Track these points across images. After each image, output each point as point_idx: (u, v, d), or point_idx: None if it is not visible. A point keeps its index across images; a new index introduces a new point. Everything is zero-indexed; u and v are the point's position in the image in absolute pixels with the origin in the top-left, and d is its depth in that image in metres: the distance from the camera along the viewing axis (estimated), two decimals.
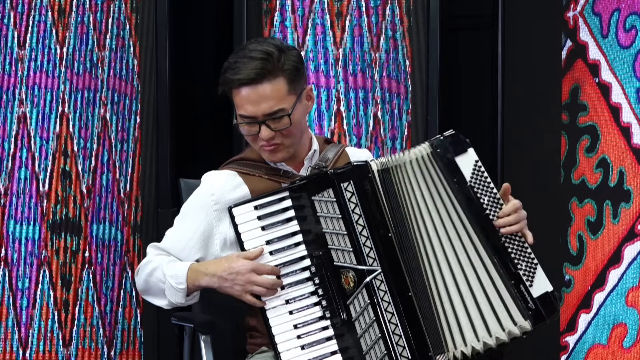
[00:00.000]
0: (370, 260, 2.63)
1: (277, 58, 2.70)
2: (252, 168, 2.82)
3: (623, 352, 3.61)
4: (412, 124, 3.86)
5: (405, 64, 3.87)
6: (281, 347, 2.62)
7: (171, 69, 3.86)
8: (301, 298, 2.65)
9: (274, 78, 2.69)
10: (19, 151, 3.79)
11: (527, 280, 2.65)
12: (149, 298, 2.82)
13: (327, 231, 2.65)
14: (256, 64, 2.68)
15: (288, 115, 2.71)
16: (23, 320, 3.78)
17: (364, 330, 2.62)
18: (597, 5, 3.68)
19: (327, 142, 2.95)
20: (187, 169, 3.75)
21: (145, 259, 2.82)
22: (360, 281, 2.62)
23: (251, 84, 2.69)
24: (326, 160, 2.84)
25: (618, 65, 3.62)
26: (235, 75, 2.70)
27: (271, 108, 2.70)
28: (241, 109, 2.72)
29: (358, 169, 2.66)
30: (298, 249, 2.67)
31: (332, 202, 2.65)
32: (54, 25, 3.79)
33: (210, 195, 2.79)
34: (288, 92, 2.71)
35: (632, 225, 3.59)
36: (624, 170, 3.61)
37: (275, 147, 2.76)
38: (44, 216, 3.78)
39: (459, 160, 2.68)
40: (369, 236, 2.63)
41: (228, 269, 2.65)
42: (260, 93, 2.69)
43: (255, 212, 2.68)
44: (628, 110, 3.59)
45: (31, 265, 3.78)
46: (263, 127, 2.72)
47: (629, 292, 3.60)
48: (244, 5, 3.94)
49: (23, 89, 3.79)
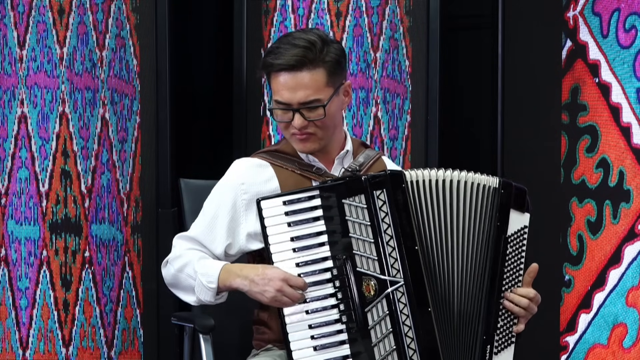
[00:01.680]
0: (394, 271, 2.60)
1: (320, 49, 2.70)
2: (285, 161, 2.80)
3: (623, 352, 3.61)
4: (412, 124, 3.86)
5: (405, 64, 3.87)
6: (294, 346, 2.60)
7: (171, 69, 3.86)
8: (319, 299, 2.62)
9: (314, 68, 2.69)
10: (19, 151, 3.79)
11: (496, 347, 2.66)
12: (176, 292, 2.79)
13: (354, 236, 2.62)
14: (298, 51, 2.68)
15: (323, 106, 2.70)
16: (23, 320, 3.78)
17: (379, 339, 2.60)
18: (597, 5, 3.68)
19: (363, 145, 2.93)
20: (187, 169, 3.75)
21: (174, 251, 2.77)
22: (381, 291, 2.60)
23: (291, 70, 2.68)
24: (360, 164, 2.81)
25: (618, 65, 3.62)
26: (276, 60, 2.69)
27: (307, 97, 2.69)
28: (277, 94, 2.71)
29: (393, 177, 2.63)
30: (322, 249, 2.64)
31: (363, 208, 2.62)
32: (54, 25, 3.79)
33: (240, 185, 2.77)
34: (326, 84, 2.71)
35: (632, 225, 3.59)
36: (624, 170, 3.61)
37: (306, 136, 2.74)
38: (44, 216, 3.78)
39: (512, 213, 2.67)
40: (395, 247, 2.60)
41: (261, 274, 2.62)
42: (298, 80, 2.69)
43: (283, 208, 2.64)
44: (628, 110, 3.59)
45: (31, 265, 3.78)
46: (297, 115, 2.70)
47: (629, 292, 3.60)
48: (244, 5, 3.94)
49: (23, 89, 3.79)
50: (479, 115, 4.12)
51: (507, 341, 2.67)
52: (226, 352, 2.99)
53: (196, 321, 2.92)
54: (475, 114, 4.14)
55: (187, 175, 3.29)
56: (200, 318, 2.93)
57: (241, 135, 3.97)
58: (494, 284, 2.65)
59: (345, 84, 2.78)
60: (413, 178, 2.64)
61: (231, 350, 3.00)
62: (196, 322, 2.92)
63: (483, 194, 2.67)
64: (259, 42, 3.93)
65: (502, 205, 2.66)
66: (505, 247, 2.66)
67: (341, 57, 2.74)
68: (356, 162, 2.82)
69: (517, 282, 2.68)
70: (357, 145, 2.89)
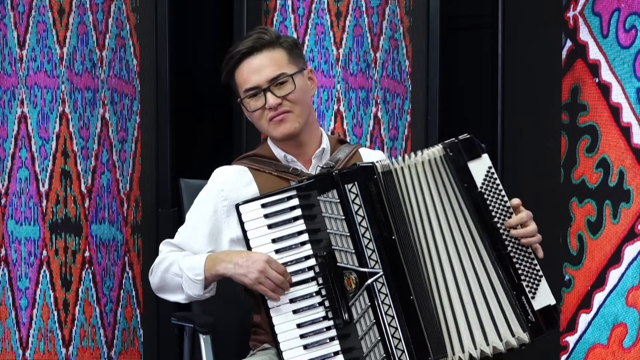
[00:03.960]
0: (372, 262, 2.61)
1: (274, 35, 2.82)
2: (263, 164, 2.83)
3: (623, 352, 3.61)
4: (412, 124, 3.86)
5: (405, 64, 3.87)
6: (284, 346, 2.62)
7: (171, 69, 3.86)
8: (305, 297, 2.64)
9: (273, 48, 2.79)
10: (19, 151, 3.79)
11: (530, 292, 2.62)
12: (165, 295, 2.82)
13: (331, 232, 2.64)
14: (254, 37, 2.81)
15: (291, 77, 2.77)
16: (23, 320, 3.78)
17: (364, 332, 2.61)
18: (597, 5, 3.68)
19: (340, 142, 2.95)
20: (187, 169, 3.75)
21: (158, 257, 2.82)
22: (361, 283, 2.61)
23: (251, 53, 2.78)
24: (337, 161, 2.84)
25: (618, 65, 3.62)
26: (235, 49, 2.79)
27: (273, 73, 2.77)
28: (245, 83, 2.79)
29: (363, 170, 2.65)
30: (304, 249, 2.66)
31: (336, 203, 2.64)
32: (54, 25, 3.79)
33: (220, 191, 2.81)
34: (288, 62, 2.80)
35: (632, 225, 3.59)
36: (624, 170, 3.61)
37: (283, 116, 2.78)
38: (44, 216, 3.78)
39: (471, 165, 2.66)
40: (371, 238, 2.62)
41: (245, 256, 2.66)
42: (260, 62, 2.78)
43: (262, 210, 2.67)
44: (628, 110, 3.59)
45: (31, 265, 3.78)
46: (268, 94, 2.77)
47: (629, 292, 3.60)
48: (244, 5, 3.94)
49: (23, 89, 3.79)
50: (479, 115, 4.12)
51: (535, 279, 2.64)
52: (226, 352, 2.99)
53: (196, 321, 2.92)
54: (475, 114, 4.14)
55: (187, 175, 3.29)
56: (200, 318, 2.93)
57: (241, 135, 3.96)
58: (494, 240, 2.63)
59: (307, 69, 2.86)
60: (385, 169, 2.65)
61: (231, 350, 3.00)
62: (196, 322, 2.92)
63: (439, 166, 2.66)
64: None
65: (459, 166, 2.65)
66: (484, 200, 2.64)
67: (295, 44, 2.84)
68: (332, 159, 2.84)
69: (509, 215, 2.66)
70: (334, 143, 2.92)
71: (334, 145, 2.91)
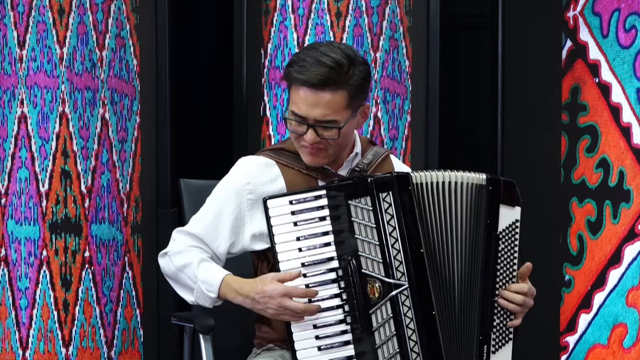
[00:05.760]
0: (398, 274, 2.59)
1: (346, 70, 2.65)
2: (292, 160, 2.78)
3: (623, 352, 3.61)
4: (412, 124, 3.86)
5: (405, 64, 3.87)
6: (298, 346, 2.60)
7: (171, 69, 3.86)
8: (324, 299, 2.62)
9: (337, 89, 2.64)
10: (19, 151, 3.79)
11: (494, 345, 2.65)
12: (174, 286, 2.78)
13: (359, 237, 2.61)
14: (323, 71, 2.63)
15: (339, 128, 2.67)
16: (23, 321, 3.78)
17: (382, 342, 2.59)
18: (597, 5, 3.68)
19: (371, 143, 2.91)
20: (187, 169, 3.75)
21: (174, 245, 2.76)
22: (385, 293, 2.59)
23: (312, 88, 2.64)
24: (368, 163, 2.80)
25: (618, 65, 3.62)
26: (299, 75, 2.65)
27: (324, 116, 2.66)
28: (295, 106, 2.68)
29: (399, 180, 2.62)
30: (328, 249, 2.63)
31: (369, 210, 2.61)
32: (54, 25, 3.79)
33: (245, 184, 2.75)
34: (346, 107, 2.67)
35: (632, 225, 3.59)
36: (624, 170, 3.61)
37: (316, 151, 2.72)
38: (44, 216, 3.78)
39: (502, 208, 2.66)
40: (400, 250, 2.59)
41: (261, 292, 2.61)
42: (318, 99, 2.64)
43: (289, 207, 2.64)
44: (628, 110, 3.59)
45: (31, 265, 3.78)
46: (310, 130, 2.67)
47: (629, 292, 3.60)
48: (244, 5, 3.94)
49: (23, 89, 3.79)
50: (479, 115, 4.12)
51: (504, 338, 2.67)
52: (226, 352, 2.98)
53: (196, 321, 2.92)
54: (475, 114, 4.14)
55: (187, 175, 3.28)
56: (200, 318, 2.93)
57: (241, 135, 3.97)
58: (487, 283, 2.64)
59: (364, 106, 2.74)
60: (418, 180, 2.63)
61: (231, 350, 3.00)
62: (196, 322, 2.91)
63: (474, 193, 2.66)
64: (259, 42, 3.93)
65: (490, 202, 2.65)
66: (497, 244, 2.65)
67: (365, 80, 2.69)
68: (364, 161, 2.80)
69: (512, 278, 2.67)
70: (365, 144, 2.88)
71: (365, 146, 2.87)
